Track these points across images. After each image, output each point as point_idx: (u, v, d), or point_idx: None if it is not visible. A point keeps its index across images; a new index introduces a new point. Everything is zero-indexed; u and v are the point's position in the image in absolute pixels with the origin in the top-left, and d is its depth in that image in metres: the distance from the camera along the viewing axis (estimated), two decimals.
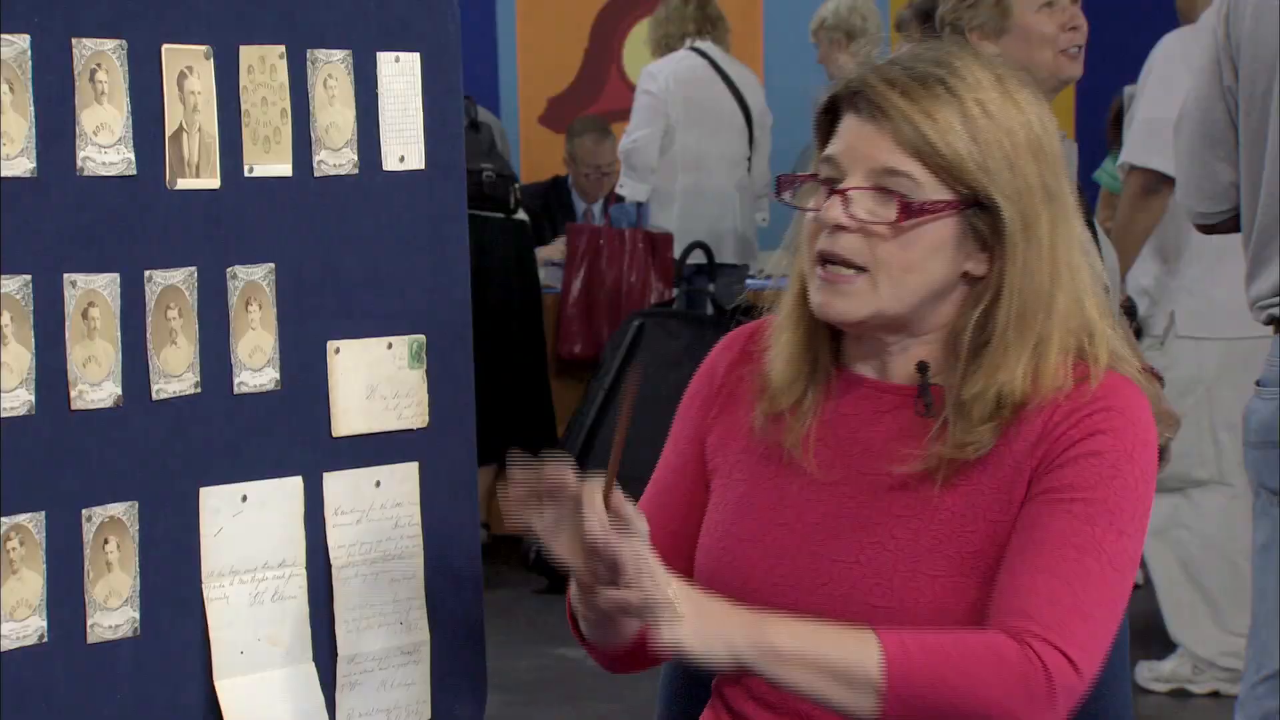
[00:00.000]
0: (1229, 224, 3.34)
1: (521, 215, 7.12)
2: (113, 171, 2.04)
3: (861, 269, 2.01)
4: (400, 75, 2.27)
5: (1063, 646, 1.94)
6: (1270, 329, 3.23)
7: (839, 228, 2.01)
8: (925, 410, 2.04)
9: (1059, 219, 2.02)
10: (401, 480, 2.28)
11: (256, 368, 2.16)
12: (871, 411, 2.07)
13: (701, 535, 2.15)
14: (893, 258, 2.00)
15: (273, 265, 2.17)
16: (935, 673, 1.92)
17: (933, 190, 1.99)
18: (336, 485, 2.23)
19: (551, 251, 7.66)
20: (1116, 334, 2.07)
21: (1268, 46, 3.17)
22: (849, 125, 2.04)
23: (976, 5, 3.71)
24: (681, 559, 2.12)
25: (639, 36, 7.88)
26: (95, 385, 2.02)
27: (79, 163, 2.01)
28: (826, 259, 2.03)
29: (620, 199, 7.48)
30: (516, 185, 7.13)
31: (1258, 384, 3.24)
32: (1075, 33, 3.64)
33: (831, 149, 2.05)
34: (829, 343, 2.11)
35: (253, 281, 2.16)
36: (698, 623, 1.93)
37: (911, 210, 1.98)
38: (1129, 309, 3.99)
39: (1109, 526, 1.97)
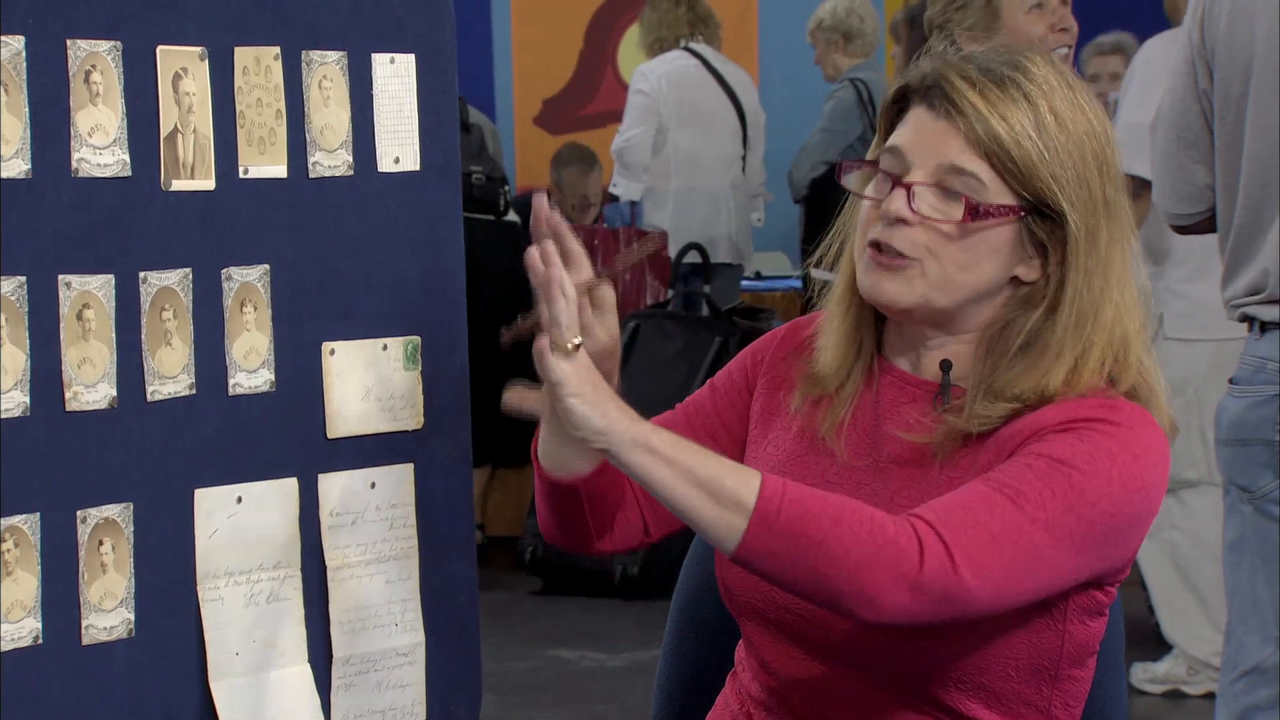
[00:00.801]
0: (1204, 225, 3.35)
1: (512, 217, 7.12)
2: (108, 173, 2.04)
3: (914, 259, 2.02)
4: (395, 76, 2.27)
5: (947, 540, 1.89)
6: (1245, 326, 3.25)
7: (900, 220, 2.01)
8: (942, 408, 2.04)
9: (1116, 233, 2.02)
10: (397, 482, 2.28)
11: (251, 369, 2.16)
12: (896, 402, 2.08)
13: None
14: (949, 255, 2.00)
15: (268, 266, 2.17)
16: (807, 509, 1.88)
17: (997, 193, 1.99)
18: (331, 487, 2.23)
19: None
20: (1150, 358, 2.06)
21: (1242, 50, 3.19)
22: (919, 118, 2.03)
23: (966, 6, 3.72)
24: None
25: (634, 38, 7.89)
26: (90, 386, 2.02)
27: (74, 164, 2.01)
28: (881, 247, 2.03)
29: (614, 198, 7.49)
30: (507, 188, 7.14)
31: (1231, 382, 3.26)
32: (1065, 34, 3.65)
33: (897, 139, 2.04)
34: (874, 331, 2.12)
35: (248, 283, 2.16)
36: (590, 383, 1.91)
37: (978, 213, 1.98)
38: None
39: (1060, 495, 1.94)
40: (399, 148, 2.27)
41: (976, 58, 2.03)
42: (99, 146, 2.03)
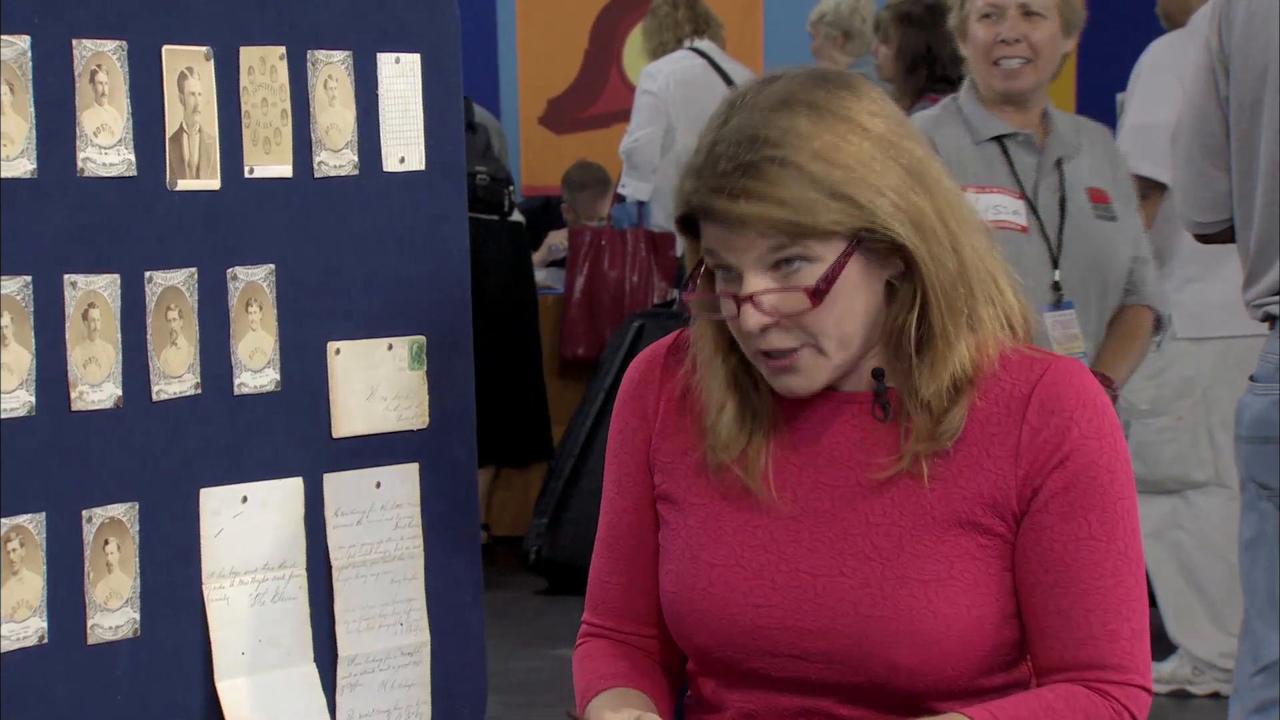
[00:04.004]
0: (1227, 234, 3.35)
1: (517, 217, 7.12)
2: (113, 172, 2.04)
3: (801, 346, 1.98)
4: (400, 76, 2.27)
5: (1140, 681, 2.00)
6: (1265, 326, 3.25)
7: (764, 327, 1.97)
8: (883, 416, 2.03)
9: (933, 189, 1.98)
10: (402, 481, 2.28)
11: (257, 369, 2.16)
12: (824, 418, 2.04)
13: (664, 562, 2.09)
14: (824, 323, 1.96)
15: (273, 266, 2.17)
16: None
17: (825, 249, 1.94)
18: (337, 486, 2.23)
19: (542, 254, 7.69)
20: (1002, 269, 2.05)
21: (1258, 56, 3.19)
22: (714, 231, 1.97)
23: (955, 10, 3.79)
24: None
25: (639, 38, 7.88)
26: (96, 386, 2.02)
27: (79, 164, 2.01)
28: (769, 354, 1.99)
29: (621, 198, 7.49)
30: (511, 188, 7.14)
31: (1252, 379, 3.26)
32: (1005, 47, 3.67)
33: (712, 244, 1.98)
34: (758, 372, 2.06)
35: (253, 282, 2.16)
36: None
37: (819, 290, 1.94)
38: (1157, 321, 3.97)
39: (1122, 525, 2.00)
40: (404, 147, 2.27)
41: (721, 152, 1.94)
42: (104, 146, 2.03)
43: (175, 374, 2.09)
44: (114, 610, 2.05)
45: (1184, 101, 3.39)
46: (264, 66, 2.16)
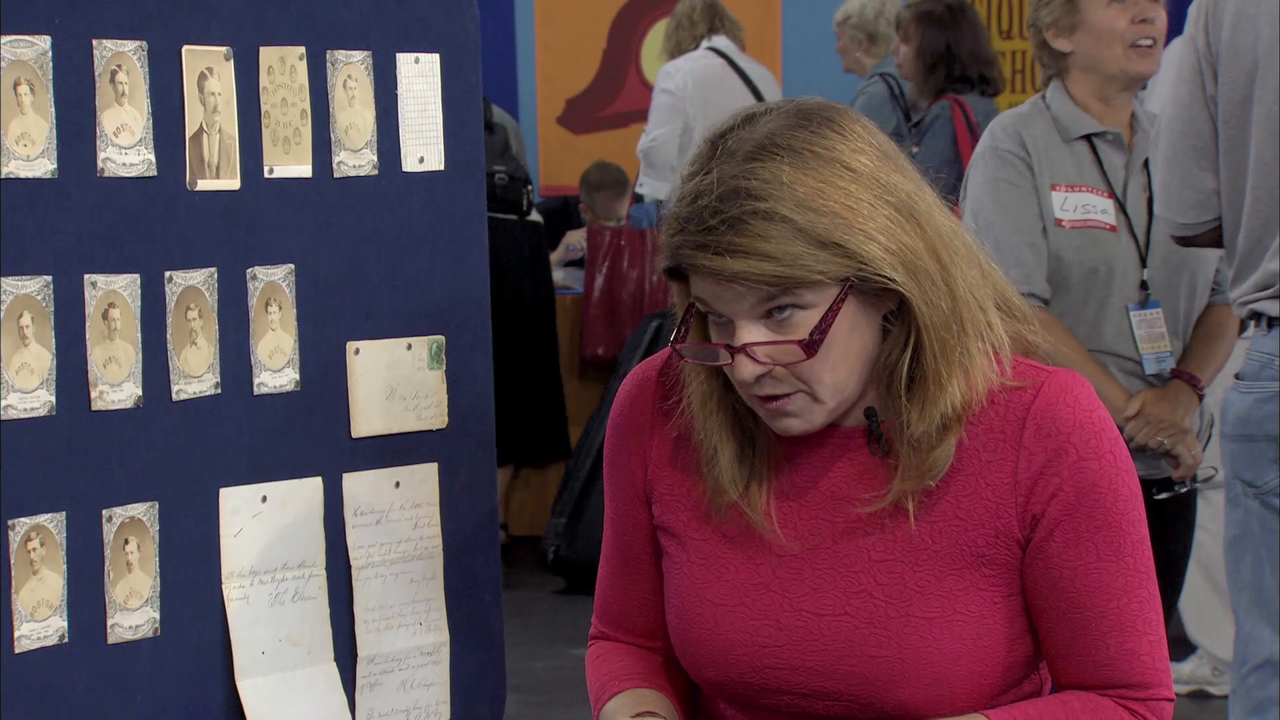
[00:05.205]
0: (1208, 236, 3.33)
1: (535, 217, 7.13)
2: (133, 172, 2.04)
3: (798, 391, 1.96)
4: (420, 76, 2.27)
5: (1164, 694, 2.00)
6: (1253, 324, 3.25)
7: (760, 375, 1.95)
8: (879, 450, 2.01)
9: (924, 224, 1.95)
10: (421, 481, 2.28)
11: (276, 368, 2.16)
12: (826, 456, 2.03)
13: (668, 596, 2.08)
14: (820, 367, 1.94)
15: (292, 266, 2.18)
16: None
17: (817, 296, 1.91)
18: (356, 486, 2.23)
19: (560, 253, 7.70)
20: (1000, 283, 2.03)
21: (1246, 53, 3.18)
22: (703, 284, 1.94)
23: (1049, 3, 3.70)
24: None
25: (657, 37, 7.89)
26: (116, 386, 2.03)
27: (99, 164, 2.02)
28: (766, 398, 1.97)
29: (640, 198, 7.49)
30: (529, 187, 7.14)
31: (1237, 377, 3.25)
32: (1146, 26, 3.62)
33: (702, 294, 1.95)
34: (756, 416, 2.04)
35: (272, 282, 2.16)
36: None
37: (813, 342, 1.92)
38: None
39: (1129, 541, 1.98)
40: (423, 147, 2.27)
41: (707, 204, 1.90)
42: (124, 146, 2.03)
43: (195, 374, 2.09)
44: (134, 610, 2.05)
45: (1168, 102, 3.37)
46: (284, 66, 2.16)
